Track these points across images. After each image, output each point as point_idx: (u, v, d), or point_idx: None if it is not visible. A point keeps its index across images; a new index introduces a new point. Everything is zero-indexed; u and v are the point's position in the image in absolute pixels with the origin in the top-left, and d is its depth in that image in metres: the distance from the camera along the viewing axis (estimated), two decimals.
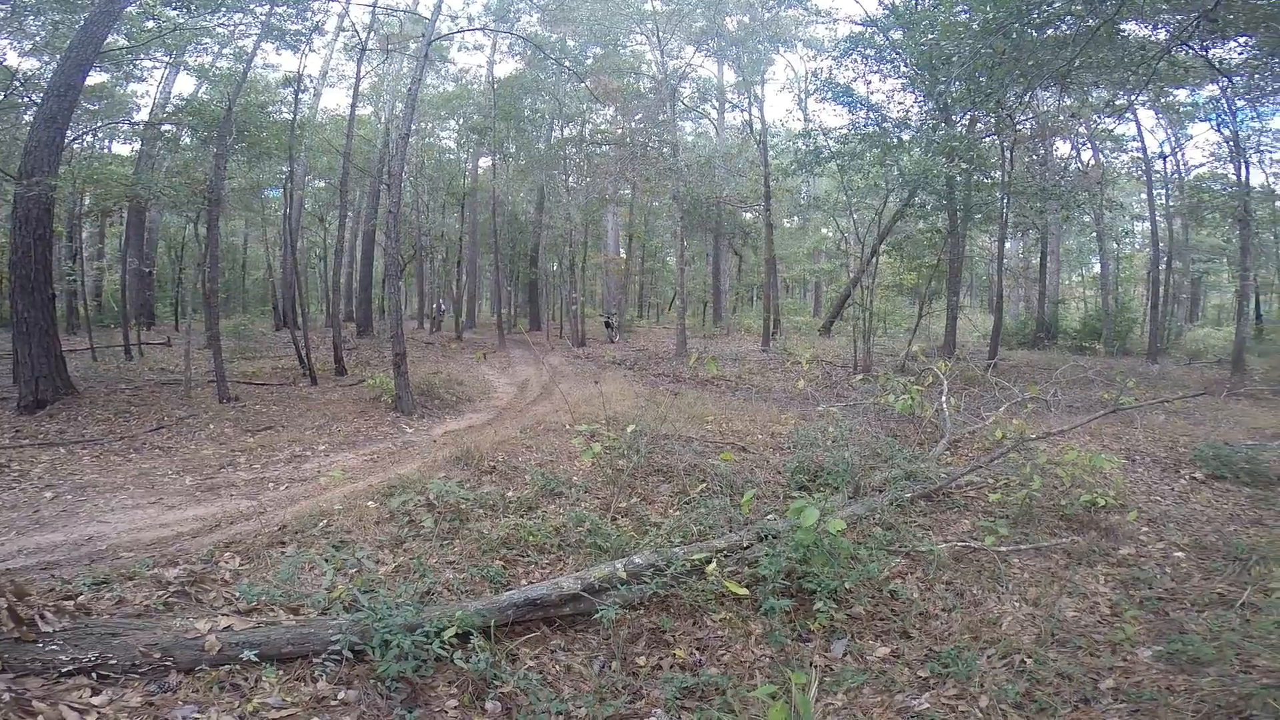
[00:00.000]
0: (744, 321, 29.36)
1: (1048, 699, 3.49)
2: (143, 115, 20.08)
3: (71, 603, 3.53)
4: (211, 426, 9.58)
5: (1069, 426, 7.25)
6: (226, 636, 3.34)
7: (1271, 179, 21.98)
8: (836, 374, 15.26)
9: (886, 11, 15.54)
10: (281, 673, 3.31)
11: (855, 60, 16.88)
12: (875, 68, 16.85)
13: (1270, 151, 21.28)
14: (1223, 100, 17.77)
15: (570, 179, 25.08)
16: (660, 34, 19.52)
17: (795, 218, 34.01)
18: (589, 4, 19.59)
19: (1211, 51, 11.90)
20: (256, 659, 3.29)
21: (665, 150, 22.06)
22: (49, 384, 10.16)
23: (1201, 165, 22.76)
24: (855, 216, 19.11)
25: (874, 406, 9.35)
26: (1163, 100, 18.62)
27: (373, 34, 17.54)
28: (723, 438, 8.27)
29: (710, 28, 20.34)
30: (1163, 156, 22.17)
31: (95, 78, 16.53)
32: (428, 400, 11.75)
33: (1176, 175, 22.65)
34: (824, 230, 32.05)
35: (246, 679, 3.23)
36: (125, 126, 20.37)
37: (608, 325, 25.13)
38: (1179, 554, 5.20)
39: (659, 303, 40.50)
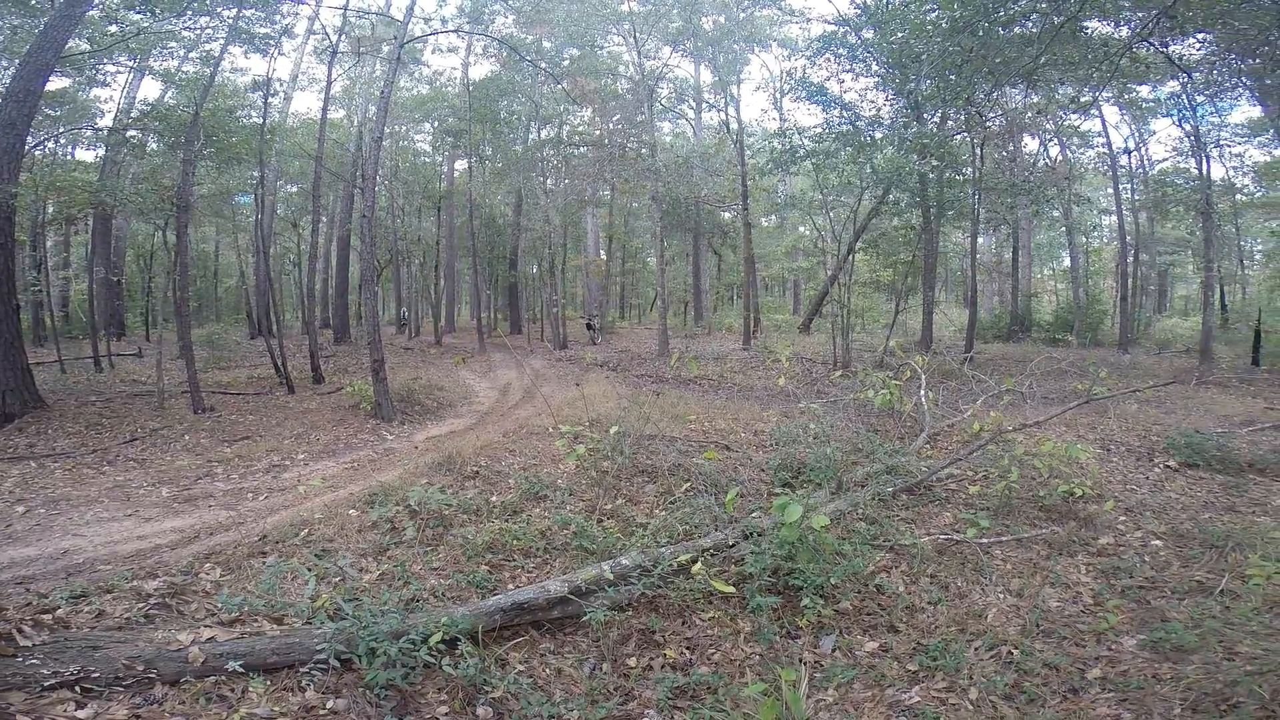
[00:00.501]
0: (725, 321, 29.49)
1: (1036, 690, 3.53)
2: (106, 120, 19.59)
3: (49, 616, 3.47)
4: (187, 438, 9.40)
5: (1045, 418, 7.38)
6: (210, 648, 3.29)
7: (1231, 173, 22.65)
8: (816, 371, 15.37)
9: (858, 10, 15.71)
10: (268, 683, 3.26)
11: (828, 59, 17.06)
12: (848, 67, 17.06)
13: (1229, 146, 21.92)
14: (1183, 96, 18.21)
15: (548, 181, 24.98)
16: (637, 35, 19.52)
17: (773, 216, 34.22)
18: (565, 5, 19.53)
19: (1171, 48, 12.16)
20: (242, 670, 3.25)
21: (643, 151, 22.08)
22: (16, 397, 9.91)
23: (1165, 160, 23.30)
24: (831, 214, 19.26)
25: (854, 402, 9.41)
26: (1126, 97, 19.04)
27: (344, 37, 17.33)
28: (706, 437, 8.29)
29: (687, 28, 20.40)
30: (1127, 152, 22.65)
31: (56, 82, 16.15)
32: (408, 406, 11.63)
33: (1141, 170, 23.15)
34: (801, 229, 32.23)
35: (233, 690, 3.18)
36: (89, 132, 19.86)
37: (589, 327, 25.07)
38: (1157, 542, 5.30)
39: (640, 303, 40.51)
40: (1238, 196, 23.02)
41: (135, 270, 26.58)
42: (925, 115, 16.04)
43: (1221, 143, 21.40)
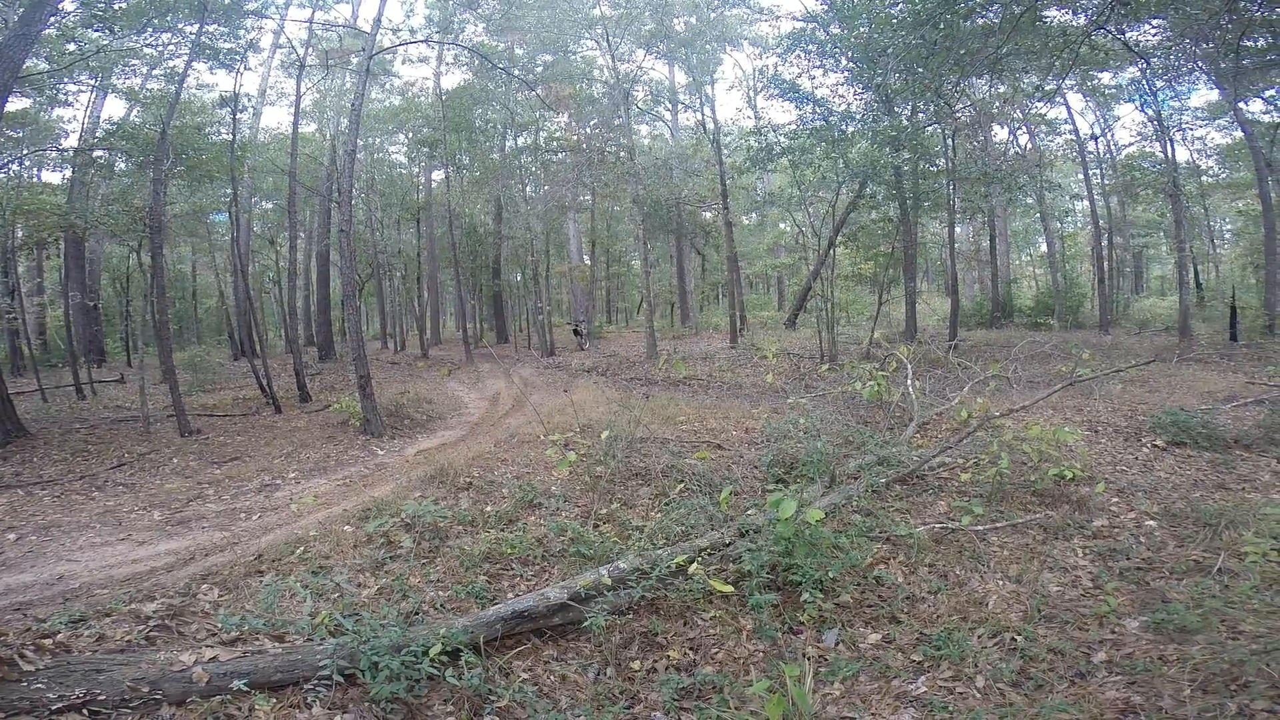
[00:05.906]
0: (711, 320, 29.53)
1: (1043, 675, 3.52)
2: (72, 141, 19.30)
3: (50, 641, 3.44)
4: (175, 461, 9.29)
5: (1031, 402, 7.45)
6: (214, 667, 3.28)
7: (1195, 155, 23.09)
8: (804, 366, 15.42)
9: (825, 6, 15.83)
10: (274, 701, 3.25)
11: (799, 56, 17.16)
12: (818, 63, 17.17)
13: (1191, 129, 22.37)
14: (1144, 81, 18.56)
15: (528, 188, 24.91)
16: (610, 39, 19.51)
17: (753, 214, 34.34)
18: (536, 12, 19.49)
19: (1129, 34, 12.38)
20: (247, 688, 3.24)
21: (622, 154, 22.09)
22: None
23: (1130, 145, 23.71)
24: (810, 210, 19.39)
25: (842, 395, 9.49)
26: (1089, 84, 19.38)
27: (311, 50, 17.19)
28: (697, 436, 8.29)
29: (659, 30, 20.42)
30: (1094, 138, 23.04)
31: (16, 103, 15.90)
32: (397, 420, 11.56)
33: (1109, 155, 23.54)
34: (782, 225, 32.41)
35: (239, 709, 3.18)
36: (53, 153, 19.54)
37: (576, 333, 24.99)
38: (1151, 523, 5.32)
39: (626, 307, 40.50)
40: (1203, 178, 23.47)
41: (112, 294, 26.15)
42: (896, 108, 16.21)
43: (1184, 126, 21.84)
